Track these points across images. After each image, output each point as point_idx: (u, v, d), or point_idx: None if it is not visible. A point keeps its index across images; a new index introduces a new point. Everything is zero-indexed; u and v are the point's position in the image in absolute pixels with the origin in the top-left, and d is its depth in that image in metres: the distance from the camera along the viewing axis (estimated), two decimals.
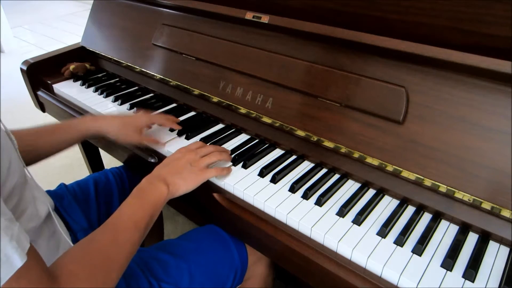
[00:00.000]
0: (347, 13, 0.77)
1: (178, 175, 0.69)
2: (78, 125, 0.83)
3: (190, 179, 0.70)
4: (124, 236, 0.57)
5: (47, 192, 0.85)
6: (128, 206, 0.61)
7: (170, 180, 0.68)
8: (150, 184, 0.66)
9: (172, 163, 0.71)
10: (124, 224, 0.58)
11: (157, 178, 0.67)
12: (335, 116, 0.76)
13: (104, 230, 0.57)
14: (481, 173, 0.61)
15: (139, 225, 0.59)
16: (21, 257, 0.39)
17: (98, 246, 0.54)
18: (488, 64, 0.58)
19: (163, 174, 0.68)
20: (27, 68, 1.16)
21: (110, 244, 0.55)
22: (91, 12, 1.29)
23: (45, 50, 1.69)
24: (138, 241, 0.59)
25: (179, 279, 0.70)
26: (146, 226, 0.61)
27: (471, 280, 0.55)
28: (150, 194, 0.64)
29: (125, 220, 0.59)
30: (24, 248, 0.40)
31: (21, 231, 0.42)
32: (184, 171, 0.70)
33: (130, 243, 0.57)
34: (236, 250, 0.77)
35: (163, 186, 0.66)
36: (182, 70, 1.02)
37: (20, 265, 0.39)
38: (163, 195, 0.65)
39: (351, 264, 0.60)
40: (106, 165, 1.54)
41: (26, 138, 0.76)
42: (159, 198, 0.65)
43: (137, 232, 0.59)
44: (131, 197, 0.63)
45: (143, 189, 0.65)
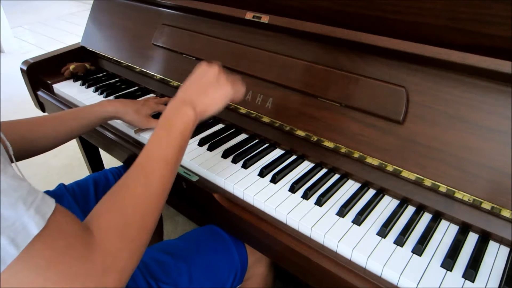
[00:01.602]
0: (347, 13, 0.77)
1: (204, 95, 0.64)
2: (97, 108, 0.85)
3: (218, 97, 0.65)
4: (156, 175, 0.54)
5: (47, 192, 0.85)
6: (156, 141, 0.58)
7: (197, 102, 0.62)
8: (176, 111, 0.61)
9: (196, 81, 0.65)
10: (154, 163, 0.55)
11: (183, 102, 0.62)
12: (335, 116, 0.76)
13: (134, 173, 0.53)
14: (481, 173, 0.61)
15: (170, 160, 0.56)
16: (38, 224, 0.39)
17: (130, 192, 0.51)
18: (488, 64, 0.58)
19: (188, 96, 0.63)
20: (27, 68, 1.16)
21: (142, 187, 0.52)
22: (91, 12, 1.29)
23: (45, 50, 1.70)
24: (172, 176, 0.56)
25: (178, 279, 0.70)
26: (178, 159, 0.58)
27: (471, 280, 0.55)
28: (177, 122, 0.60)
29: (155, 159, 0.55)
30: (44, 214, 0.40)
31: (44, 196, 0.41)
32: (210, 88, 0.64)
33: (163, 181, 0.54)
34: (236, 250, 0.77)
35: (190, 110, 0.61)
36: (182, 70, 1.02)
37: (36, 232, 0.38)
38: (191, 121, 0.61)
39: (351, 264, 0.60)
40: (106, 165, 1.54)
41: (48, 124, 0.78)
42: (187, 126, 0.60)
43: (169, 168, 0.56)
44: (158, 129, 0.59)
45: (169, 118, 0.61)
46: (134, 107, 0.89)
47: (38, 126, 0.77)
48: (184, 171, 0.81)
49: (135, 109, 0.89)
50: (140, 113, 0.90)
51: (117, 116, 0.88)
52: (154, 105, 0.95)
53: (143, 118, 0.90)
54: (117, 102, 0.88)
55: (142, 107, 0.91)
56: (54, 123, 0.80)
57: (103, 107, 0.86)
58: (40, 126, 0.77)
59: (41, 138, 0.77)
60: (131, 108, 0.89)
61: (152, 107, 0.94)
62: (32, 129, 0.76)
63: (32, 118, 0.78)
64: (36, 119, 0.78)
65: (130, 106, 0.89)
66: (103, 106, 0.86)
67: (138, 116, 0.89)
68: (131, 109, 0.89)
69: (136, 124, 0.91)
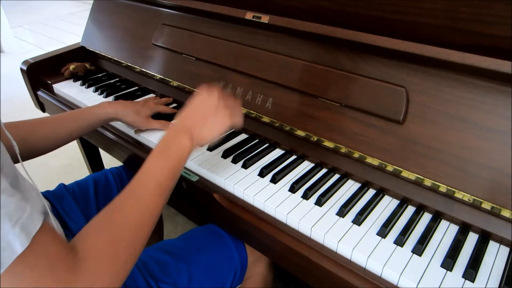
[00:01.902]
0: (347, 13, 0.77)
1: (202, 125, 0.65)
2: (97, 110, 0.86)
3: (215, 128, 0.66)
4: (148, 200, 0.54)
5: (47, 192, 0.85)
6: (150, 166, 0.58)
7: (194, 131, 0.64)
8: (172, 138, 0.63)
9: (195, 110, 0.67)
10: (147, 187, 0.55)
11: (182, 130, 0.63)
12: (335, 116, 0.76)
13: (126, 195, 0.54)
14: (481, 173, 0.61)
15: (164, 185, 0.57)
16: (22, 243, 0.38)
17: (121, 214, 0.51)
18: (488, 64, 0.58)
19: (187, 125, 0.65)
20: (27, 68, 1.16)
21: (133, 210, 0.52)
22: (91, 12, 1.29)
23: (45, 50, 1.69)
24: (163, 202, 0.57)
25: (178, 279, 0.70)
26: (171, 185, 0.59)
27: (471, 280, 0.55)
28: (174, 149, 0.61)
29: (149, 183, 0.56)
30: (29, 233, 0.39)
31: (32, 212, 0.41)
32: (208, 118, 0.66)
33: (155, 206, 0.55)
34: (236, 250, 0.77)
35: (187, 139, 0.62)
36: (182, 70, 1.02)
37: (20, 251, 0.38)
38: (187, 149, 0.62)
39: (351, 264, 0.60)
40: (106, 165, 1.54)
41: (48, 125, 0.79)
42: (183, 153, 0.62)
43: (162, 193, 0.56)
44: (153, 155, 0.60)
45: (166, 145, 0.62)
46: (134, 108, 0.89)
47: (38, 128, 0.77)
48: (184, 171, 0.81)
49: (134, 110, 0.89)
50: (140, 114, 0.90)
51: (116, 117, 0.88)
52: (153, 105, 0.95)
53: (143, 119, 0.90)
54: (117, 104, 0.88)
55: (142, 108, 0.91)
56: (54, 125, 0.80)
57: (103, 109, 0.86)
58: (40, 127, 0.77)
59: (41, 140, 0.77)
60: (131, 109, 0.89)
61: (151, 107, 0.94)
62: (32, 131, 0.76)
63: (32, 120, 0.78)
64: (36, 121, 0.78)
65: (130, 108, 0.89)
66: (103, 107, 0.86)
67: (138, 117, 0.89)
68: (130, 110, 0.89)
69: (136, 125, 0.91)
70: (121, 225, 0.50)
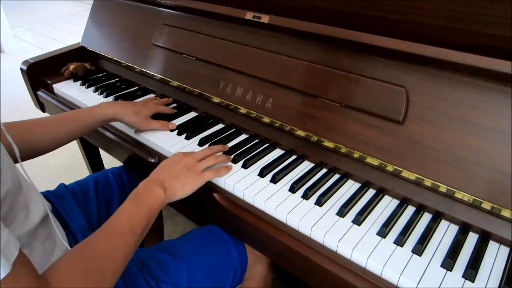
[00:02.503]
0: (347, 13, 0.77)
1: (175, 179, 0.69)
2: (97, 110, 0.86)
3: (187, 183, 0.70)
4: (120, 241, 0.57)
5: (47, 192, 0.85)
6: (124, 210, 0.61)
7: (168, 185, 0.68)
8: (147, 188, 0.66)
9: (169, 167, 0.71)
10: (120, 229, 0.58)
11: (154, 182, 0.67)
12: (335, 116, 0.76)
13: (99, 235, 0.56)
14: (481, 173, 0.61)
15: (135, 230, 0.59)
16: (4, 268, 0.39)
17: (93, 251, 0.53)
18: (488, 64, 0.58)
19: (161, 178, 0.68)
20: (27, 68, 1.16)
21: (105, 249, 0.54)
22: (91, 12, 1.29)
23: (45, 50, 1.69)
24: (134, 245, 0.59)
25: (178, 279, 0.70)
26: (143, 231, 0.61)
27: (471, 280, 0.55)
28: (147, 198, 0.64)
29: (121, 225, 0.59)
30: (9, 258, 0.40)
31: (9, 239, 0.41)
32: (181, 175, 0.70)
33: (126, 247, 0.57)
34: (236, 250, 0.77)
35: (160, 190, 0.66)
36: (182, 70, 1.02)
37: (2, 276, 0.38)
38: (159, 199, 0.65)
39: (351, 264, 0.60)
40: (106, 165, 1.54)
41: (48, 125, 0.79)
42: (156, 202, 0.65)
43: (133, 237, 0.59)
44: (128, 201, 0.63)
45: (140, 193, 0.65)
46: (134, 109, 0.89)
47: (37, 128, 0.77)
48: None
49: (134, 111, 0.89)
50: (139, 114, 0.90)
51: (116, 118, 0.88)
52: (153, 106, 0.95)
53: (142, 120, 0.90)
54: (117, 104, 0.88)
55: (142, 108, 0.91)
56: (53, 125, 0.80)
57: (102, 109, 0.86)
58: (39, 128, 0.77)
59: (41, 140, 0.77)
60: (131, 110, 0.89)
61: (151, 108, 0.94)
62: (31, 131, 0.76)
63: (31, 120, 0.78)
64: (35, 121, 0.78)
65: (130, 108, 0.89)
66: (103, 108, 0.86)
67: (137, 117, 0.89)
68: (130, 110, 0.89)
69: (136, 126, 0.90)
70: (92, 260, 0.52)
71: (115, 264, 0.55)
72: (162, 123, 0.92)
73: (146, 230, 0.62)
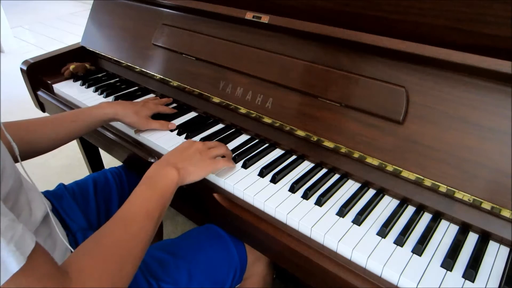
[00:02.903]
0: (347, 13, 0.77)
1: (188, 161, 0.68)
2: (96, 110, 0.86)
3: (200, 167, 0.69)
4: (137, 226, 0.55)
5: (46, 192, 0.85)
6: (138, 194, 0.60)
7: (181, 166, 0.67)
8: (160, 170, 0.65)
9: (180, 151, 0.71)
10: (136, 214, 0.57)
11: (167, 164, 0.66)
12: (335, 116, 0.76)
13: (115, 222, 0.55)
14: (481, 173, 0.61)
15: (152, 214, 0.58)
16: (18, 260, 0.38)
17: (111, 239, 0.52)
18: (488, 64, 0.58)
19: (173, 160, 0.67)
20: (27, 68, 1.16)
21: (122, 236, 0.53)
22: (91, 12, 1.29)
23: (45, 50, 1.69)
24: (152, 230, 0.58)
25: (178, 278, 0.70)
26: (159, 214, 0.60)
27: (471, 280, 0.55)
28: (160, 180, 0.63)
29: (136, 210, 0.57)
30: (24, 251, 0.40)
31: (25, 232, 0.41)
32: (194, 158, 0.69)
33: (144, 233, 0.56)
34: (235, 249, 0.77)
35: (174, 171, 0.65)
36: (182, 70, 1.02)
37: (16, 269, 0.38)
38: (174, 181, 0.64)
39: (351, 264, 0.60)
40: (106, 165, 1.54)
41: (48, 125, 0.79)
42: (171, 183, 0.63)
43: (150, 221, 0.57)
44: (141, 185, 0.62)
45: (153, 176, 0.64)
46: (134, 109, 0.89)
47: (36, 128, 0.77)
48: None
49: (134, 111, 0.89)
50: (139, 114, 0.89)
51: (116, 118, 0.88)
52: (153, 106, 0.95)
53: (142, 120, 0.90)
54: (117, 104, 0.88)
55: (142, 108, 0.91)
56: (52, 125, 0.80)
57: (102, 109, 0.86)
58: (38, 127, 0.77)
59: (40, 139, 0.77)
60: (130, 110, 0.89)
61: (151, 108, 0.93)
62: (30, 131, 0.76)
63: (30, 120, 0.78)
64: (34, 121, 0.78)
65: (130, 108, 0.89)
66: (102, 108, 0.86)
67: (137, 117, 0.89)
68: (130, 111, 0.88)
69: (136, 126, 0.90)
70: (110, 248, 0.51)
71: (134, 251, 0.54)
72: (162, 123, 0.92)
73: (163, 213, 0.61)
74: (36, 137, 0.76)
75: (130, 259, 0.53)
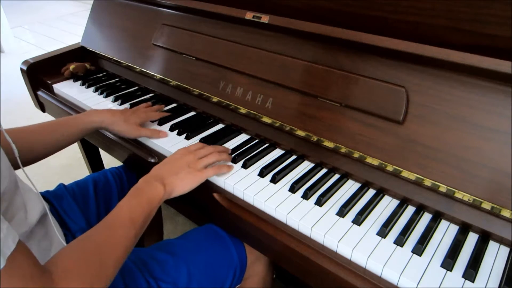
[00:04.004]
0: (347, 13, 0.77)
1: (175, 176, 0.69)
2: (84, 118, 0.84)
3: (187, 180, 0.70)
4: (120, 232, 0.57)
5: (46, 192, 0.85)
6: (124, 204, 0.62)
7: (168, 181, 0.68)
8: (147, 183, 0.66)
9: (170, 163, 0.72)
10: (121, 221, 0.58)
11: (154, 178, 0.68)
12: (335, 116, 0.76)
13: (100, 227, 0.57)
14: (481, 173, 0.61)
15: (136, 222, 0.60)
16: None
17: (94, 243, 0.54)
18: (488, 64, 0.58)
19: (160, 174, 0.69)
20: (27, 68, 1.16)
21: (106, 240, 0.55)
22: (91, 12, 1.29)
23: (45, 50, 1.69)
24: (134, 237, 0.59)
25: (178, 278, 0.70)
26: (143, 224, 0.61)
27: (471, 280, 0.55)
28: (147, 193, 0.65)
29: (122, 218, 0.59)
30: (4, 254, 0.40)
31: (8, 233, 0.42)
32: (181, 171, 0.70)
33: (126, 239, 0.57)
34: (235, 249, 0.77)
35: (160, 186, 0.66)
36: (182, 70, 1.02)
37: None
38: (159, 195, 0.66)
39: (351, 264, 0.60)
40: (106, 165, 1.54)
41: (34, 135, 0.78)
42: (156, 197, 0.65)
43: (133, 229, 0.59)
44: (128, 196, 0.63)
45: (140, 188, 0.66)
46: (123, 117, 0.87)
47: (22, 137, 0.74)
48: None
49: (123, 119, 0.87)
50: (129, 122, 0.87)
51: (103, 126, 0.86)
52: (143, 114, 0.92)
53: (132, 127, 0.87)
54: (105, 112, 0.86)
55: (131, 116, 0.89)
56: (38, 134, 0.78)
57: (89, 117, 0.84)
58: (24, 136, 0.75)
59: (26, 149, 0.74)
60: (119, 117, 0.87)
61: (141, 116, 0.91)
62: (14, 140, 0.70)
63: (15, 129, 0.75)
64: (19, 130, 0.76)
65: (118, 116, 0.87)
66: (89, 116, 0.85)
67: (126, 125, 0.87)
68: (119, 118, 0.86)
69: (125, 134, 0.88)
70: (93, 250, 0.53)
71: (115, 255, 0.55)
72: (152, 131, 0.89)
73: (146, 224, 0.63)
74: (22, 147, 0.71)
75: (111, 262, 0.54)
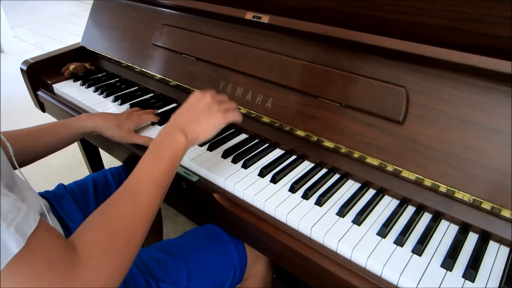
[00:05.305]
0: (347, 13, 0.77)
1: (196, 123, 0.65)
2: (76, 123, 0.83)
3: (208, 125, 0.66)
4: (145, 197, 0.54)
5: (46, 192, 0.85)
6: (146, 163, 0.59)
7: (188, 129, 0.64)
8: (167, 136, 0.63)
9: (188, 109, 0.67)
10: (143, 185, 0.56)
11: (174, 128, 0.63)
12: (335, 116, 0.76)
13: (122, 193, 0.54)
14: (481, 173, 0.61)
15: (160, 182, 0.57)
16: (18, 243, 0.39)
17: (118, 211, 0.51)
18: (488, 64, 0.58)
19: (180, 123, 0.64)
20: (27, 68, 1.16)
21: (130, 208, 0.52)
22: (91, 12, 1.29)
23: (45, 50, 1.69)
24: (159, 199, 0.56)
25: (178, 278, 0.70)
26: (168, 182, 0.59)
27: (471, 280, 0.55)
28: (168, 147, 0.61)
29: (144, 180, 0.56)
30: (24, 233, 0.40)
31: (29, 212, 0.41)
32: (202, 116, 0.66)
33: (152, 202, 0.55)
34: (235, 249, 0.77)
35: (181, 136, 0.62)
36: (182, 70, 1.02)
37: (16, 251, 0.38)
38: (181, 146, 0.62)
39: (351, 264, 0.60)
40: (106, 165, 1.54)
41: (24, 138, 0.76)
42: (178, 150, 0.61)
43: (158, 190, 0.56)
44: (149, 153, 0.60)
45: (161, 142, 0.62)
46: (116, 122, 0.86)
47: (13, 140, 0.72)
48: (184, 171, 0.81)
49: (116, 124, 0.86)
50: (122, 128, 0.86)
51: (96, 131, 0.85)
52: (137, 118, 0.91)
53: (125, 133, 0.86)
54: (98, 117, 0.85)
55: (125, 121, 0.87)
56: (29, 138, 0.77)
57: (81, 122, 0.83)
58: (14, 140, 0.72)
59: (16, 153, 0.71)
60: (112, 123, 0.85)
61: (135, 121, 0.90)
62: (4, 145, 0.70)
63: (8, 132, 0.75)
64: (10, 133, 0.75)
65: (111, 121, 0.85)
66: (82, 120, 0.83)
67: (119, 131, 0.86)
68: (112, 124, 0.85)
69: (118, 140, 0.87)
70: (118, 221, 0.50)
71: (142, 222, 0.53)
72: (145, 140, 0.87)
73: (170, 181, 0.60)
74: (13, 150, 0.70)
75: (137, 229, 0.52)
